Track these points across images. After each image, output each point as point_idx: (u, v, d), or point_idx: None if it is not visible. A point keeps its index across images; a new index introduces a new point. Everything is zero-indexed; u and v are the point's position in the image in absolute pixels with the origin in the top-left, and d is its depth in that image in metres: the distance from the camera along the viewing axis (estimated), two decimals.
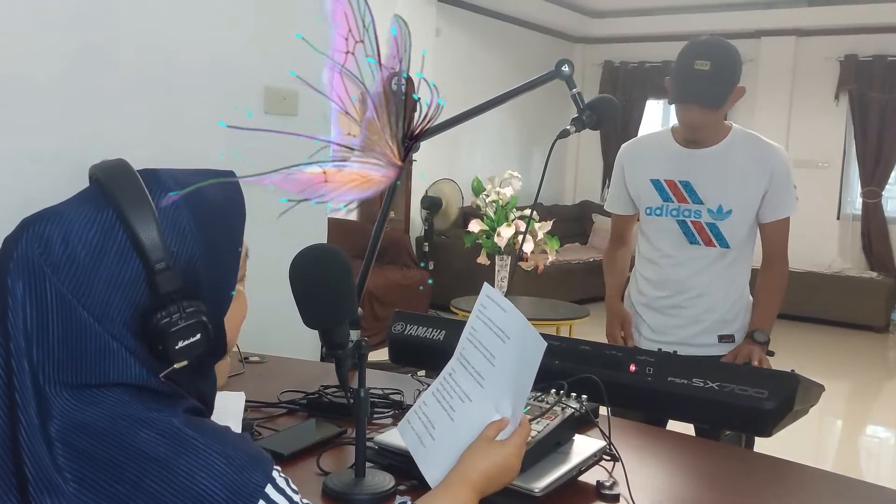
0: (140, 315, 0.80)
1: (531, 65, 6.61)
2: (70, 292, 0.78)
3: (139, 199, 0.81)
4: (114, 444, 0.76)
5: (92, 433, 0.76)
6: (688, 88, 2.02)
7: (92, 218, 0.80)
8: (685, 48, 2.06)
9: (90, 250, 0.79)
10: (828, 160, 7.79)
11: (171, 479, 0.75)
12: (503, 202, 4.26)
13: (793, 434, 1.76)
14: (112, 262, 0.79)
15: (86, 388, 0.78)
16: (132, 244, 0.80)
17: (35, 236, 0.79)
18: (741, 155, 2.12)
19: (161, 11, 2.29)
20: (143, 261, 0.80)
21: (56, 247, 0.78)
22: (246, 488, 0.77)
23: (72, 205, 0.82)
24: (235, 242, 0.90)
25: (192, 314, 0.82)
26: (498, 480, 1.04)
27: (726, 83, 2.02)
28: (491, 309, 1.08)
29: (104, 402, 0.78)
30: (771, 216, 2.14)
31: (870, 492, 1.37)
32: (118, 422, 0.77)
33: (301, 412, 1.58)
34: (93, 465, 0.76)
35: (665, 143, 2.20)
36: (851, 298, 7.06)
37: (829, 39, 7.68)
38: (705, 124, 2.09)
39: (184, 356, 0.82)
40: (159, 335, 0.80)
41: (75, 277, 0.78)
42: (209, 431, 0.81)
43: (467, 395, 1.09)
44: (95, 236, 0.79)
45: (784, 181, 2.11)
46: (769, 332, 2.11)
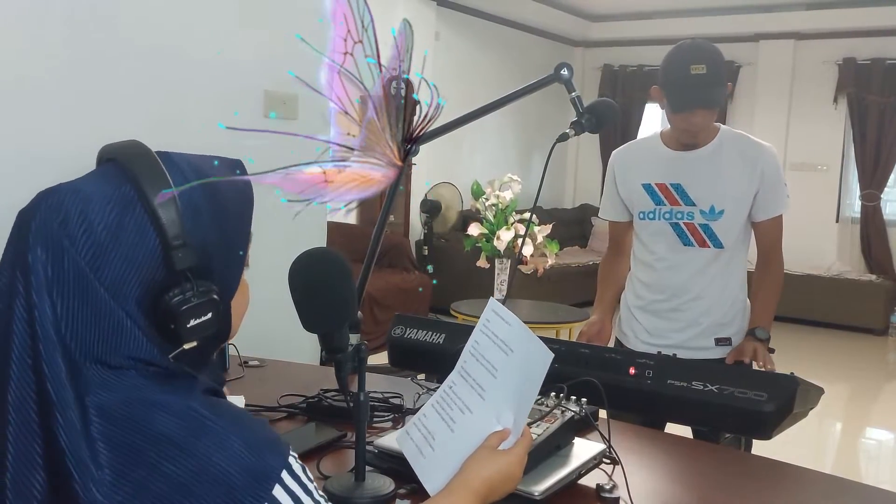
0: (153, 293, 0.80)
1: (530, 68, 6.61)
2: (88, 266, 0.78)
3: (158, 177, 0.81)
4: (132, 428, 0.76)
5: (109, 417, 0.76)
6: (690, 95, 2.03)
7: (110, 194, 0.80)
8: (673, 56, 2.06)
9: (107, 225, 0.79)
10: (827, 163, 7.79)
11: (188, 462, 0.75)
12: (503, 205, 4.27)
13: (792, 437, 1.77)
14: (129, 238, 0.79)
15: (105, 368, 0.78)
16: (150, 220, 0.80)
17: (54, 207, 0.79)
18: (731, 154, 2.13)
19: (162, 14, 2.29)
20: (161, 237, 0.80)
21: (74, 220, 0.78)
22: (262, 472, 0.77)
23: (89, 181, 0.82)
24: (245, 227, 0.90)
25: (205, 293, 0.82)
26: (500, 489, 1.04)
27: (721, 82, 2.04)
28: (495, 323, 1.09)
29: (120, 386, 0.78)
30: (764, 214, 2.14)
31: (869, 494, 1.37)
32: (135, 406, 0.77)
33: (301, 416, 1.58)
34: (112, 450, 0.75)
35: (654, 147, 2.22)
36: (850, 301, 7.07)
37: (827, 43, 7.69)
38: (707, 126, 2.11)
39: (195, 335, 0.82)
40: (171, 312, 0.80)
41: (93, 251, 0.78)
42: (227, 414, 0.81)
43: (468, 407, 1.09)
44: (113, 211, 0.79)
45: (775, 179, 2.13)
46: (769, 329, 2.11)
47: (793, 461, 1.45)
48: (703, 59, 2.00)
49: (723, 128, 2.19)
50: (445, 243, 6.69)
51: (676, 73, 2.03)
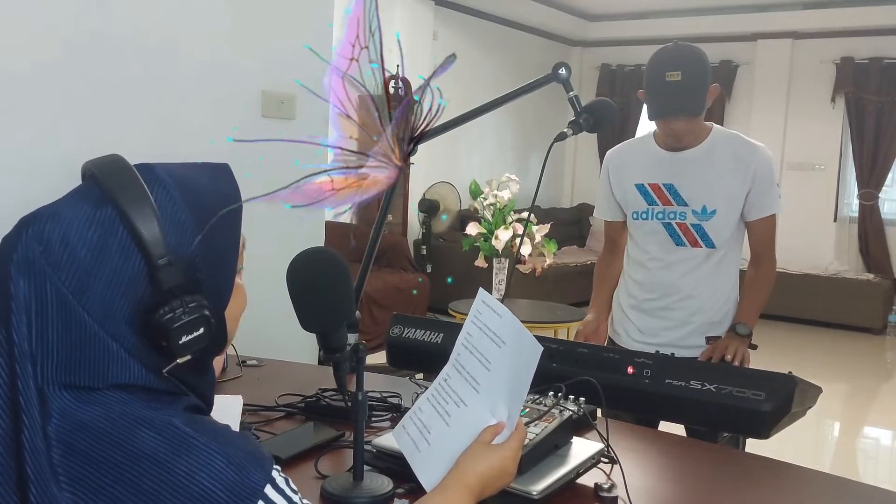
0: (142, 312, 0.80)
1: (528, 68, 6.61)
2: (71, 293, 0.77)
3: (139, 196, 0.80)
4: (113, 444, 0.76)
5: (91, 433, 0.76)
6: (665, 103, 2.04)
7: (91, 216, 0.79)
8: (652, 60, 2.06)
9: (91, 249, 0.78)
10: (824, 163, 7.80)
11: (170, 479, 0.75)
12: (501, 205, 4.27)
13: (790, 436, 1.77)
14: (113, 260, 0.79)
15: (86, 390, 0.78)
16: (133, 241, 0.79)
17: (35, 236, 0.78)
18: (723, 154, 2.13)
19: (159, 15, 2.29)
20: (146, 257, 0.79)
21: (56, 246, 0.78)
22: (246, 488, 0.77)
23: (69, 203, 0.81)
24: (233, 234, 0.90)
25: (195, 308, 0.82)
26: (494, 483, 1.04)
27: (700, 88, 2.03)
28: (486, 314, 1.09)
29: (104, 402, 0.78)
30: (756, 214, 2.15)
31: (867, 493, 1.37)
32: (117, 421, 0.77)
33: (299, 416, 1.58)
34: (92, 466, 0.75)
35: (648, 147, 2.22)
36: (848, 301, 7.07)
37: (825, 42, 7.70)
38: (690, 130, 2.11)
39: (187, 351, 0.82)
40: (162, 331, 0.80)
41: (76, 277, 0.78)
42: (209, 430, 0.80)
43: (463, 401, 1.09)
44: (95, 234, 0.79)
45: (767, 179, 2.13)
46: (752, 326, 2.12)
47: (791, 460, 1.45)
48: (680, 65, 1.99)
49: (716, 128, 2.19)
50: (444, 243, 6.69)
51: (653, 80, 2.04)
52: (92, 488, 0.75)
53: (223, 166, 0.91)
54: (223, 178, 0.90)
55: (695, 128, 2.11)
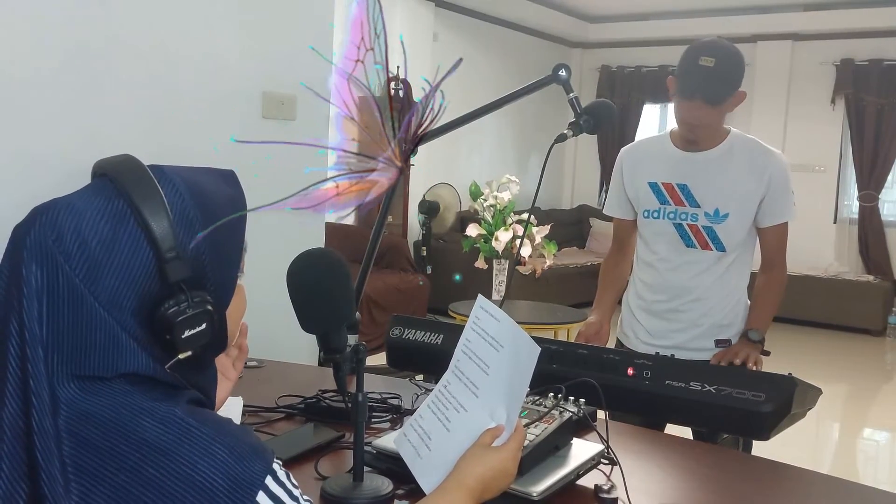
0: (148, 305, 0.81)
1: (529, 69, 6.62)
2: (81, 282, 0.79)
3: (150, 191, 0.82)
4: (117, 433, 0.77)
5: (95, 423, 0.77)
6: (690, 82, 2.02)
7: (103, 208, 0.81)
8: (690, 47, 2.06)
9: (102, 240, 0.80)
10: (824, 164, 7.80)
11: (171, 467, 0.76)
12: (501, 206, 4.27)
13: (790, 437, 1.77)
14: (123, 252, 0.80)
15: (93, 380, 0.79)
16: (144, 233, 0.81)
17: (48, 223, 0.80)
18: (739, 159, 2.12)
19: (160, 15, 2.29)
20: (155, 250, 0.81)
21: (68, 236, 0.79)
22: (246, 478, 0.78)
23: (82, 196, 0.83)
24: (238, 236, 0.91)
25: (199, 303, 0.84)
26: (494, 485, 1.04)
27: (729, 82, 2.02)
28: (484, 320, 1.10)
29: (109, 393, 0.79)
30: (769, 221, 2.13)
31: (867, 495, 1.37)
32: (121, 411, 0.78)
33: (299, 416, 1.58)
34: (96, 455, 0.76)
35: (664, 146, 2.21)
36: (848, 302, 7.07)
37: (825, 44, 7.70)
38: (705, 122, 2.07)
39: (190, 345, 0.83)
40: (167, 324, 0.81)
41: (87, 267, 0.79)
42: (211, 421, 0.81)
43: (462, 406, 1.10)
44: (107, 226, 0.80)
45: (782, 187, 2.11)
46: (764, 332, 2.11)
47: (791, 462, 1.45)
48: (716, 54, 1.99)
49: (734, 132, 2.18)
50: (444, 244, 6.69)
51: (686, 63, 2.02)
52: (96, 476, 0.76)
53: (229, 172, 0.93)
54: (229, 183, 0.92)
55: (709, 122, 2.08)
